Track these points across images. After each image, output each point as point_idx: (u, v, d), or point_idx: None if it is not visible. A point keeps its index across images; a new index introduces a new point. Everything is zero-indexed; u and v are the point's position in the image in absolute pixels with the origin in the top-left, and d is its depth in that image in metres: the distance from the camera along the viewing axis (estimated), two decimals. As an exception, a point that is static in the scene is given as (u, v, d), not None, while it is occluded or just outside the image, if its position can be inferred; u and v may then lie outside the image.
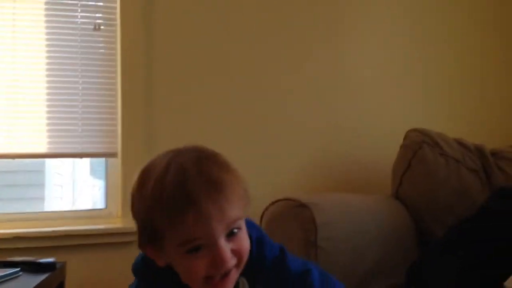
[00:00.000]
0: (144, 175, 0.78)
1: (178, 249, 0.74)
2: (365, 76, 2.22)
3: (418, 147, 1.75)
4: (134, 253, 1.79)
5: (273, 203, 1.52)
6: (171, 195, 0.73)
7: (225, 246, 0.74)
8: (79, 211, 2.02)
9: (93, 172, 2.91)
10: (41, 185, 2.62)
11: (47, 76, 1.93)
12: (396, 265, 1.54)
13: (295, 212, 1.44)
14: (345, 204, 1.58)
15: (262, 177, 2.01)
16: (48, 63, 1.93)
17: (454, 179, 1.71)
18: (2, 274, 1.32)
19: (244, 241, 0.78)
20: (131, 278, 1.67)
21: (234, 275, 0.77)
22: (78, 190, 3.28)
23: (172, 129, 1.99)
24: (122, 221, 1.94)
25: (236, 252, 0.76)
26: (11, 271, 1.36)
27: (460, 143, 1.82)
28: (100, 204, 2.07)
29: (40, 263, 1.48)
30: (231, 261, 0.75)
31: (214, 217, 0.73)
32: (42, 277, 1.36)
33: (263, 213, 1.52)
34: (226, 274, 0.76)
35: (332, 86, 2.18)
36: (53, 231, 1.83)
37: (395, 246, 1.59)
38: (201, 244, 0.74)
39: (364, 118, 2.19)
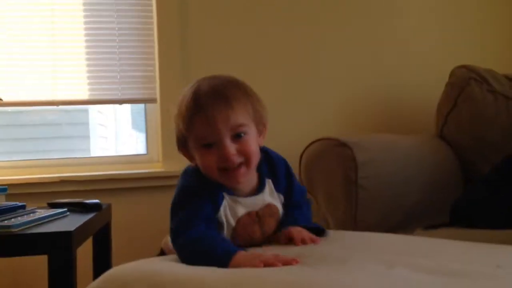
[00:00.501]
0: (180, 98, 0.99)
1: (196, 147, 0.96)
2: (410, 14, 2.12)
3: (465, 84, 1.67)
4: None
5: (313, 142, 1.50)
6: (188, 105, 0.94)
7: (229, 145, 0.93)
8: (121, 156, 2.05)
9: (134, 121, 2.95)
10: (85, 137, 2.67)
11: (85, 23, 1.94)
12: (439, 204, 1.50)
13: (335, 151, 1.42)
14: (387, 143, 1.55)
15: (303, 117, 1.99)
16: (85, 9, 1.94)
17: (504, 117, 1.63)
18: (51, 213, 1.37)
19: (249, 144, 0.95)
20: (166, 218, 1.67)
21: (244, 171, 0.95)
22: (121, 140, 3.36)
23: (209, 73, 1.97)
24: (163, 165, 1.97)
25: (241, 152, 0.94)
26: (59, 211, 1.41)
27: (511, 79, 1.73)
28: (141, 151, 2.10)
29: (86, 204, 1.53)
30: (235, 158, 0.93)
31: (219, 120, 0.92)
32: (89, 216, 1.40)
33: (303, 152, 1.50)
34: (236, 169, 0.94)
35: (376, 23, 2.10)
36: (98, 175, 1.88)
37: (439, 186, 1.55)
38: (211, 142, 0.93)
39: (408, 56, 2.11)
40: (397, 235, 1.06)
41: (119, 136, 3.30)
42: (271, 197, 1.03)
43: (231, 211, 0.98)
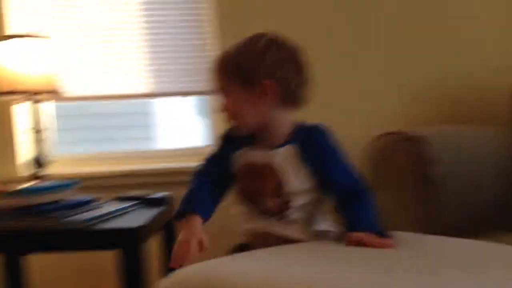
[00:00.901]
0: None
1: None
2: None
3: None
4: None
5: (380, 136, 1.43)
6: None
7: (221, 99, 1.09)
8: (185, 149, 2.06)
9: (199, 111, 2.98)
10: (148, 126, 2.72)
11: (146, 16, 1.96)
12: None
13: (404, 147, 1.35)
14: (458, 136, 1.45)
15: (367, 108, 1.92)
16: (146, 2, 1.97)
17: None
18: (120, 207, 1.40)
19: (231, 103, 1.08)
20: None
21: (234, 122, 1.10)
22: (185, 130, 3.42)
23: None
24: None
25: (225, 107, 1.09)
26: (127, 205, 1.45)
27: None
28: (206, 141, 2.10)
29: (153, 198, 1.55)
30: (222, 109, 1.09)
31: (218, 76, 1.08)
32: (155, 211, 1.42)
33: (370, 146, 1.44)
34: (232, 118, 1.09)
35: (446, 7, 1.97)
36: (164, 168, 1.91)
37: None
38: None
39: (480, 40, 1.97)
40: (483, 242, 0.97)
41: (185, 126, 3.36)
42: (284, 159, 1.05)
43: (242, 157, 1.11)
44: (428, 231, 1.07)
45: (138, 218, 1.31)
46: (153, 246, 1.55)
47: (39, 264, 1.86)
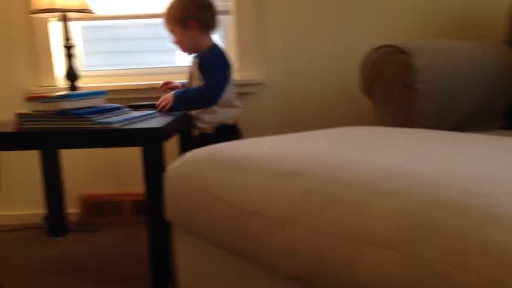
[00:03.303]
0: None
1: None
2: None
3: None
4: (251, 102, 2.04)
5: (374, 50, 1.57)
6: None
7: (171, 36, 1.89)
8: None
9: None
10: (170, 50, 2.85)
11: None
12: (498, 111, 1.55)
13: (393, 58, 1.49)
14: (447, 48, 1.58)
15: (370, 23, 2.04)
16: None
17: None
18: (143, 113, 1.62)
19: (176, 39, 1.88)
20: (248, 125, 1.91)
21: (179, 47, 1.90)
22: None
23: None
24: (240, 74, 2.15)
25: (174, 42, 1.89)
26: (150, 112, 1.67)
27: None
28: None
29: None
30: (174, 43, 1.89)
31: (165, 24, 1.87)
32: (174, 117, 1.64)
33: (365, 59, 1.59)
34: (179, 47, 1.91)
35: None
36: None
37: (500, 93, 1.59)
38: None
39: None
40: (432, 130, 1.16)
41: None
42: (192, 68, 1.89)
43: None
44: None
45: (160, 121, 1.53)
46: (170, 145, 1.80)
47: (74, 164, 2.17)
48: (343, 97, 2.12)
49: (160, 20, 1.89)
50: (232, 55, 2.19)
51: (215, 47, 1.88)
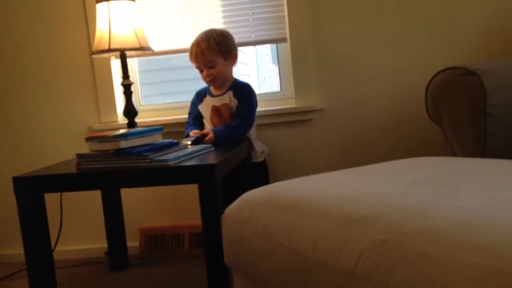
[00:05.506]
0: None
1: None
2: None
3: None
4: (307, 129, 1.97)
5: (439, 73, 1.48)
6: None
7: (206, 70, 1.88)
8: (261, 94, 2.18)
9: (273, 59, 3.08)
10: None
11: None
12: None
13: (462, 80, 1.39)
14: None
15: (434, 44, 1.94)
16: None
17: None
18: (199, 148, 1.60)
19: (215, 70, 1.87)
20: (303, 151, 1.84)
21: (213, 83, 1.92)
22: (262, 77, 3.55)
23: (337, 12, 2.02)
24: (296, 102, 2.09)
25: (210, 74, 1.88)
26: (206, 146, 1.64)
27: None
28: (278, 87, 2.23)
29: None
30: (208, 78, 1.89)
31: (198, 58, 1.87)
32: (230, 151, 1.60)
33: (429, 83, 1.50)
34: (211, 81, 1.90)
35: None
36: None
37: None
38: (201, 69, 1.90)
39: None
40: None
41: (261, 74, 3.49)
42: (229, 101, 1.89)
43: (206, 103, 1.95)
44: (485, 158, 1.14)
45: (214, 157, 1.49)
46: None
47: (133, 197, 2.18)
48: (405, 123, 2.02)
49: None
50: (288, 83, 2.15)
51: (240, 81, 1.96)
